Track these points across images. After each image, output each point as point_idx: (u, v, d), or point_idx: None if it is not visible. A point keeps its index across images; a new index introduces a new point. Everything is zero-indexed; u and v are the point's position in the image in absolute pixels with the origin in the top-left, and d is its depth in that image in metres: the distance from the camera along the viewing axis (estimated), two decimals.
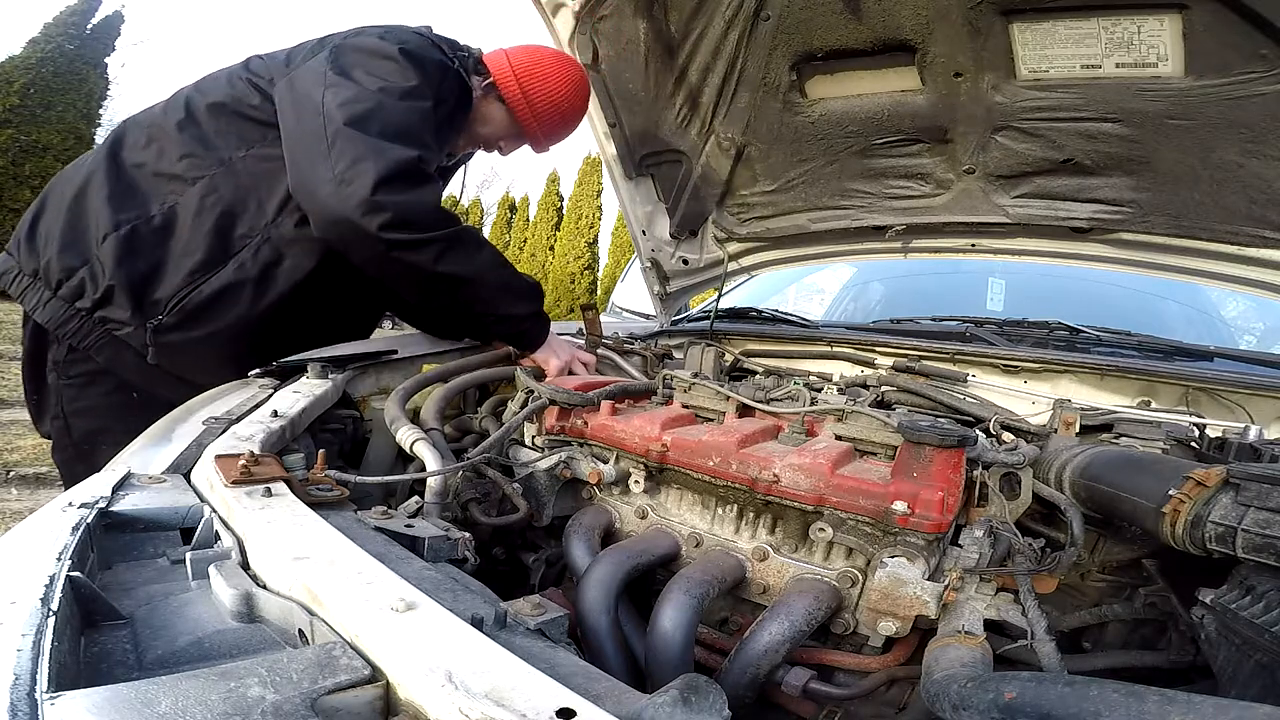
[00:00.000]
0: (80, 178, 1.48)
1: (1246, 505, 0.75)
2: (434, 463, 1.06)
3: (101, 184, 1.44)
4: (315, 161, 1.33)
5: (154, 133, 1.49)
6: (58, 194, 1.48)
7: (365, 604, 0.57)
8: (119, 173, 1.46)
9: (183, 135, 1.47)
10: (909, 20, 1.55)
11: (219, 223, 1.44)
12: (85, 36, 11.50)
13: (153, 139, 1.49)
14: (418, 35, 1.55)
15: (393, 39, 1.48)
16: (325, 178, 1.31)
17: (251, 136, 1.48)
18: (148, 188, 1.46)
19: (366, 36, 1.50)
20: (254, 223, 1.47)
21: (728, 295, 2.56)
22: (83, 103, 11.50)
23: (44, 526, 0.67)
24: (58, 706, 0.43)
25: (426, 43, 1.53)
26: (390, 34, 1.51)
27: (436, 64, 1.50)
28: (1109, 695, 0.54)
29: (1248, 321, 2.73)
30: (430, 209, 1.37)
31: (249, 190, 1.46)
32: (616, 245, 17.21)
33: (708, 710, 0.49)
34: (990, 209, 1.96)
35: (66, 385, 1.48)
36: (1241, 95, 1.40)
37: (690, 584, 0.88)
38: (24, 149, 10.74)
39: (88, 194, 1.45)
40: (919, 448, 0.92)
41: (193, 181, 1.45)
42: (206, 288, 1.44)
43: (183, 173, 1.45)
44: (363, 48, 1.46)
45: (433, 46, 1.53)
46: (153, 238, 1.43)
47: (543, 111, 1.70)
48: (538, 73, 1.67)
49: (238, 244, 1.46)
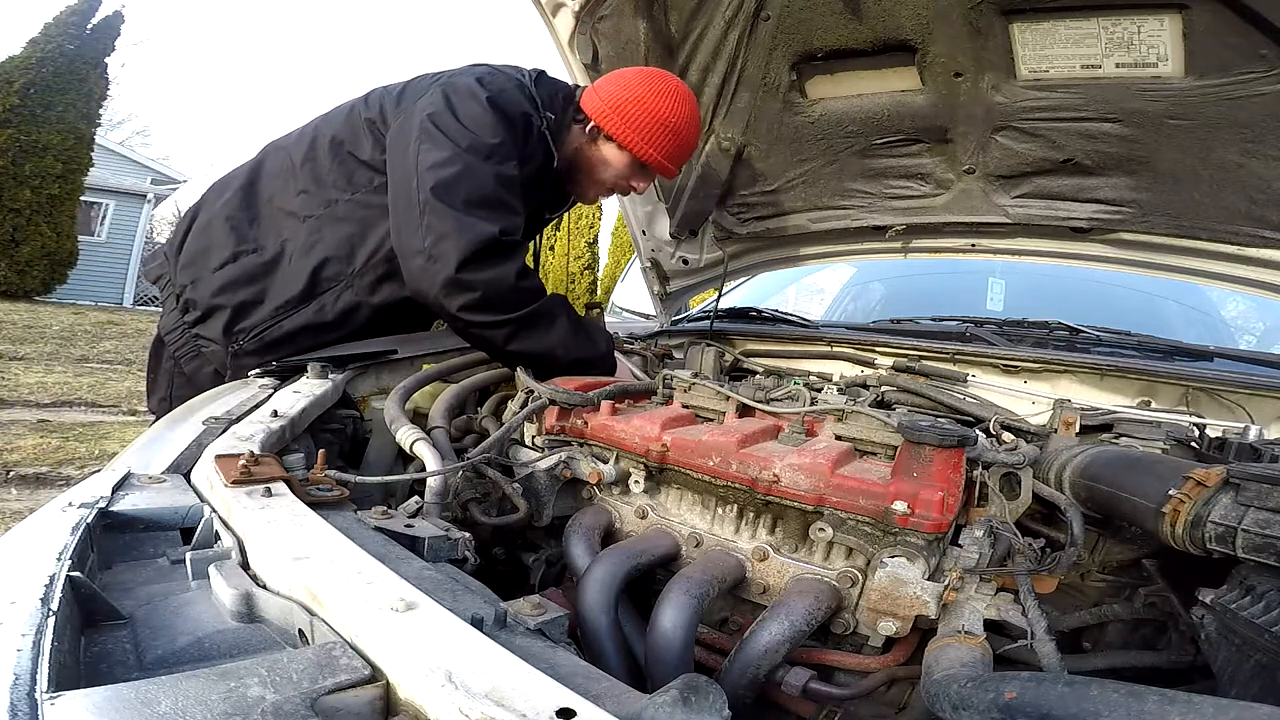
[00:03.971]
0: (224, 196, 1.59)
1: (1246, 505, 0.75)
2: (434, 463, 1.06)
3: (234, 209, 1.56)
4: (411, 230, 1.37)
5: (284, 163, 1.58)
6: (208, 206, 1.62)
7: (365, 604, 0.57)
8: (251, 201, 1.57)
9: (303, 170, 1.55)
10: (909, 20, 1.55)
11: (315, 264, 1.52)
12: (85, 36, 11.50)
13: (282, 169, 1.58)
14: (515, 82, 1.54)
15: (489, 86, 1.48)
16: (417, 248, 1.36)
17: (359, 180, 1.53)
18: (269, 221, 1.56)
19: (467, 78, 1.50)
20: (341, 268, 1.54)
21: (728, 295, 2.56)
22: (83, 103, 11.50)
23: (44, 526, 0.67)
24: (58, 706, 0.43)
25: (520, 95, 1.52)
26: (490, 79, 1.50)
27: (523, 118, 1.50)
28: (1109, 695, 0.54)
29: (1248, 321, 2.73)
30: (507, 289, 1.38)
31: (346, 235, 1.53)
32: (616, 245, 17.19)
33: (708, 710, 0.49)
34: (990, 209, 1.96)
35: (179, 374, 1.62)
36: (1241, 95, 1.40)
37: (690, 584, 0.88)
38: (24, 149, 10.74)
39: (221, 215, 1.56)
40: (919, 448, 0.92)
41: (304, 220, 1.53)
42: (288, 323, 1.53)
43: (298, 209, 1.53)
44: (460, 89, 1.47)
45: (525, 99, 1.53)
46: (260, 271, 1.53)
47: (654, 134, 1.59)
48: (630, 96, 1.58)
49: (324, 285, 1.53)
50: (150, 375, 1.73)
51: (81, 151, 11.56)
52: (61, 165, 11.18)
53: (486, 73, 1.53)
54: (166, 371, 1.65)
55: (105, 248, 14.81)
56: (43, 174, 10.98)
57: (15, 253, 10.90)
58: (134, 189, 15.39)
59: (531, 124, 1.53)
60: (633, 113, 1.57)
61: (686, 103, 1.63)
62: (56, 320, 9.38)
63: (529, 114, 1.52)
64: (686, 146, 1.67)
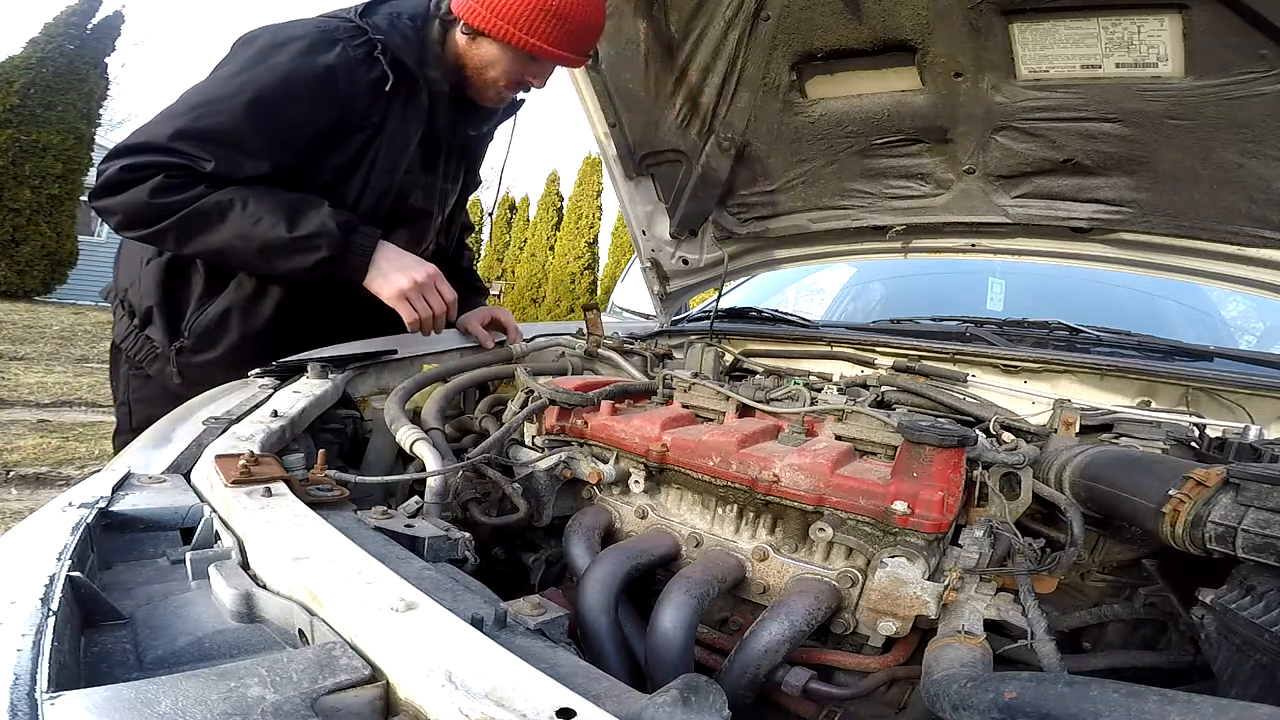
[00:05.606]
0: None
1: (1246, 505, 0.74)
2: (434, 463, 1.06)
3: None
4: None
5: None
6: None
7: (365, 604, 0.57)
8: None
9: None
10: (909, 20, 1.55)
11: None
12: (85, 36, 11.49)
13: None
14: (316, 30, 1.46)
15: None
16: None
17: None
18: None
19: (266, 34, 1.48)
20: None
21: (728, 295, 2.56)
22: (83, 103, 11.49)
23: (44, 526, 0.67)
24: (58, 706, 0.43)
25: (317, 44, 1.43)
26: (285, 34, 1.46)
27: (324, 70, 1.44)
28: (1109, 695, 0.54)
29: (1248, 321, 2.73)
30: (143, 205, 1.35)
31: None
32: (616, 245, 17.20)
33: (708, 710, 0.49)
34: (990, 209, 1.96)
35: (134, 375, 1.62)
36: (1241, 95, 1.40)
37: (690, 584, 0.88)
38: (24, 149, 10.73)
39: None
40: (919, 448, 0.92)
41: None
42: (213, 309, 1.52)
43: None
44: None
45: (325, 43, 1.43)
46: (184, 264, 1.52)
47: (530, 20, 1.41)
48: None
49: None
50: (112, 383, 1.74)
51: (82, 151, 11.54)
52: (62, 165, 11.17)
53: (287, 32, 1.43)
54: (123, 376, 1.65)
55: (105, 248, 14.81)
56: (43, 174, 10.97)
57: (15, 253, 10.89)
58: None
59: (332, 69, 1.40)
60: (500, 1, 1.41)
61: None
62: (56, 320, 9.38)
63: (331, 66, 1.40)
64: (580, 29, 1.47)
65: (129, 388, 1.64)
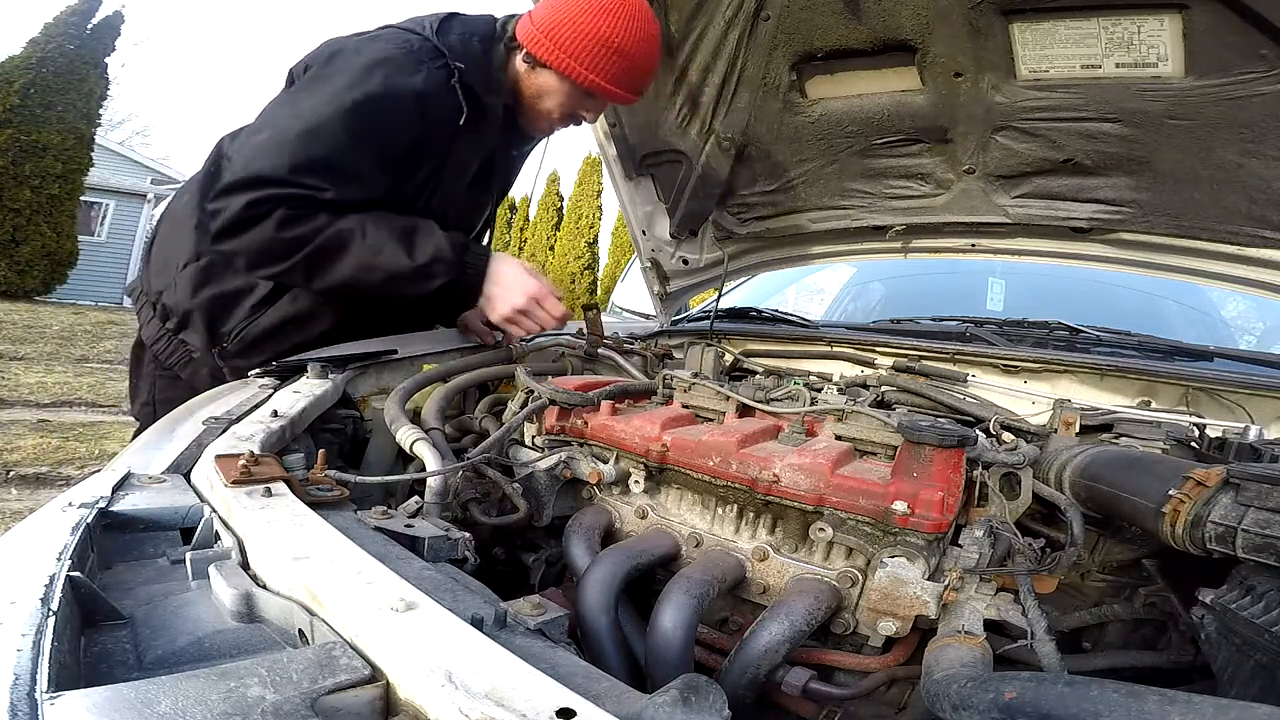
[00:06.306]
0: (183, 198, 1.56)
1: (1246, 505, 0.74)
2: (434, 463, 1.06)
3: (195, 208, 1.50)
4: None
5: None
6: (172, 210, 1.59)
7: (365, 604, 0.57)
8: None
9: None
10: (909, 20, 1.55)
11: None
12: (85, 36, 11.50)
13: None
14: (402, 49, 1.44)
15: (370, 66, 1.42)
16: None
17: None
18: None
19: (353, 54, 1.45)
20: None
21: (728, 295, 2.56)
22: (83, 103, 11.50)
23: (44, 526, 0.67)
24: (58, 706, 0.43)
25: (406, 64, 1.43)
26: (375, 50, 1.44)
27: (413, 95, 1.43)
28: (1109, 695, 0.54)
29: (1248, 321, 2.73)
30: (270, 241, 1.36)
31: None
32: (616, 245, 17.20)
33: (708, 710, 0.49)
34: (990, 209, 1.96)
35: (161, 376, 1.62)
36: (1241, 95, 1.40)
37: (690, 584, 0.88)
38: (24, 149, 10.74)
39: (183, 217, 1.53)
40: (919, 448, 0.92)
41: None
42: (265, 320, 1.51)
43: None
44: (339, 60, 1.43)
45: (412, 65, 1.42)
46: (226, 268, 1.49)
47: (592, 57, 1.43)
48: (562, 18, 1.43)
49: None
50: (132, 380, 1.73)
51: (81, 151, 11.56)
52: (61, 165, 11.18)
53: (371, 48, 1.41)
54: (148, 376, 1.64)
55: (105, 248, 14.83)
56: (43, 174, 10.98)
57: (15, 253, 10.90)
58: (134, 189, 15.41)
59: (423, 95, 1.40)
60: (565, 35, 1.43)
61: (634, 20, 1.45)
62: (56, 320, 9.38)
63: (420, 91, 1.40)
64: (639, 68, 1.50)
65: (155, 388, 1.63)
